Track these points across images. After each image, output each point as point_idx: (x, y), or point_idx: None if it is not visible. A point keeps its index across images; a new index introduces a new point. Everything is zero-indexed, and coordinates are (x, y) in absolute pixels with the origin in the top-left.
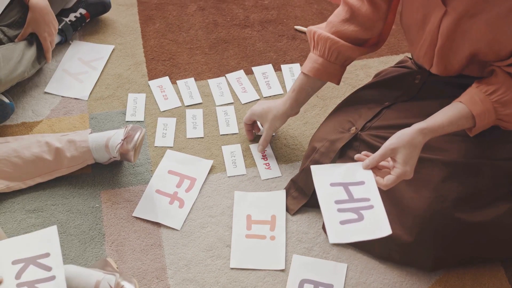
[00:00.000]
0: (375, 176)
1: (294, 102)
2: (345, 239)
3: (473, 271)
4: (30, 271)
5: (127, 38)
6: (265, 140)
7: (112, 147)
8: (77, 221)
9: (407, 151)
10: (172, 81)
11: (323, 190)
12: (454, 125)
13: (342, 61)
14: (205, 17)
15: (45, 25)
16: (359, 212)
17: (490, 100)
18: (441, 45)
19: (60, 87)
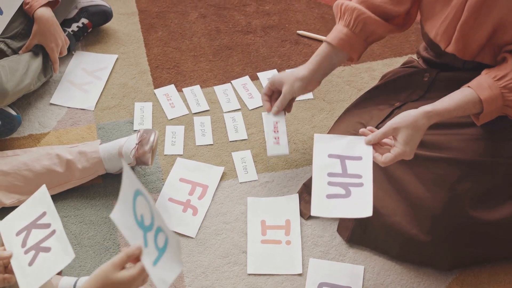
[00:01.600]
0: (375, 152)
1: (316, 67)
2: (326, 214)
3: (489, 269)
4: (33, 235)
5: (130, 47)
6: (282, 102)
7: (126, 154)
8: (91, 232)
9: (409, 132)
10: (178, 89)
11: (320, 160)
12: (461, 110)
13: (366, 34)
14: (207, 24)
15: (51, 36)
16: (348, 188)
17: (498, 85)
18: (465, 19)
19: (66, 98)
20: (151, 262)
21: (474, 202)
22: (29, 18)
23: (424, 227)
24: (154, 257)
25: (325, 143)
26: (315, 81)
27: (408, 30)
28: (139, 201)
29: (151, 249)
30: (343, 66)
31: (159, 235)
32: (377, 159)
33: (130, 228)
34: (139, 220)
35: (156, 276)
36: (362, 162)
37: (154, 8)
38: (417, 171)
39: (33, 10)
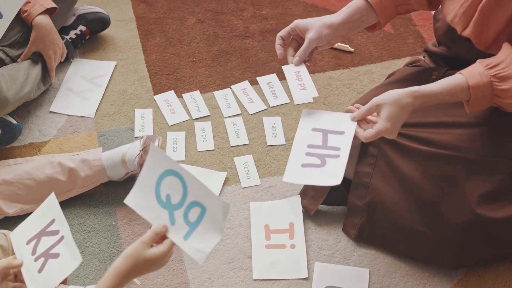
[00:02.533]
0: (358, 128)
1: (348, 17)
2: (297, 180)
3: (493, 270)
4: (43, 242)
5: (128, 53)
6: (305, 50)
7: (130, 161)
8: (95, 240)
9: (392, 109)
10: (177, 94)
11: (302, 132)
12: (448, 94)
13: (399, 2)
14: (205, 30)
15: (50, 43)
16: (324, 159)
17: (489, 74)
18: (487, 1)
19: (65, 105)
20: (181, 237)
21: (481, 200)
22: (27, 26)
23: (431, 224)
24: (184, 232)
25: (311, 117)
26: (340, 34)
27: (406, 33)
28: (166, 181)
29: (180, 225)
30: (342, 69)
31: (192, 210)
32: (359, 134)
33: (151, 210)
34: (163, 201)
35: (190, 248)
36: (343, 136)
37: (151, 14)
38: (425, 168)
39: (31, 18)
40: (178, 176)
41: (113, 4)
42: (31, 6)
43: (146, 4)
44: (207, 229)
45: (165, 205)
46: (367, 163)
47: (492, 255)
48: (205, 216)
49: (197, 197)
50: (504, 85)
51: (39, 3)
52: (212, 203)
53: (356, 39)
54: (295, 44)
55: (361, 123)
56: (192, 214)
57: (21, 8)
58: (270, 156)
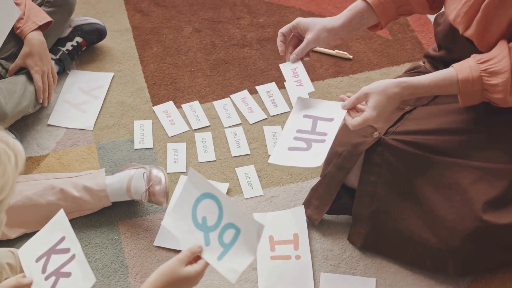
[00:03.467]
0: (347, 116)
1: (348, 21)
2: (281, 162)
3: (500, 276)
4: (53, 260)
5: (126, 64)
6: (302, 49)
7: (136, 194)
8: (98, 254)
9: (379, 98)
10: (176, 105)
11: (294, 119)
12: (436, 87)
13: (400, 3)
14: (202, 39)
15: (38, 60)
16: (310, 143)
17: (479, 68)
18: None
19: (63, 118)
20: (215, 257)
21: (487, 207)
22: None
23: (437, 232)
24: (218, 253)
25: (304, 105)
26: (340, 37)
27: (404, 38)
28: (202, 204)
29: (215, 247)
30: (341, 76)
31: (227, 231)
32: (348, 121)
33: (187, 231)
34: (199, 223)
35: (224, 268)
36: (331, 123)
37: (148, 24)
38: (430, 175)
39: (23, 35)
40: (214, 199)
41: (108, 14)
42: (24, 22)
43: (142, 14)
44: (241, 250)
45: (201, 227)
46: (371, 172)
47: (499, 262)
48: (239, 237)
49: (232, 219)
50: (494, 80)
51: (32, 20)
52: (247, 225)
53: (355, 46)
54: (295, 41)
55: (351, 111)
56: (226, 235)
57: (15, 24)
58: (272, 166)
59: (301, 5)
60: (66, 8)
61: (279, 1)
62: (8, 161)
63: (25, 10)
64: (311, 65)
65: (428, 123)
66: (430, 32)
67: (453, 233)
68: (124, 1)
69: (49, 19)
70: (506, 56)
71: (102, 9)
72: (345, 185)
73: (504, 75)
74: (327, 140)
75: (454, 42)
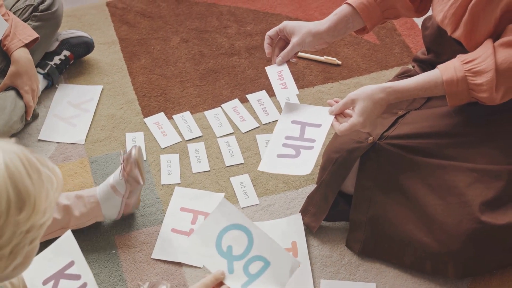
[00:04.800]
0: (335, 121)
1: (333, 26)
2: (271, 169)
3: (499, 277)
4: (62, 285)
5: (114, 76)
6: (288, 53)
7: (116, 181)
8: (95, 269)
9: (365, 104)
10: (168, 116)
11: (282, 125)
12: (422, 89)
13: (386, 7)
14: (190, 49)
15: (28, 80)
16: (299, 150)
17: (464, 68)
18: (477, 0)
19: (54, 133)
20: (239, 285)
21: (485, 208)
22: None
23: (436, 235)
24: (242, 282)
25: (292, 110)
26: (325, 41)
27: (392, 43)
28: (230, 234)
29: (239, 275)
30: (331, 82)
31: (254, 263)
32: (335, 127)
33: (209, 256)
34: (223, 251)
35: None
36: (320, 128)
37: (135, 35)
38: (426, 178)
39: (10, 52)
40: (244, 231)
41: (95, 27)
42: (10, 40)
43: (128, 25)
44: (268, 282)
45: (225, 254)
46: (367, 177)
47: (499, 262)
48: (268, 270)
49: (262, 252)
50: (478, 80)
51: (18, 38)
52: (279, 259)
53: (343, 51)
54: (282, 43)
55: (338, 116)
56: (253, 266)
57: (1, 41)
58: (266, 175)
59: (287, 12)
60: (53, 22)
61: (265, 9)
62: (51, 186)
63: (11, 27)
64: (301, 72)
65: (421, 127)
66: (417, 36)
67: (452, 236)
68: (110, 13)
69: (35, 36)
70: (490, 55)
71: (88, 21)
72: (341, 192)
73: (488, 74)
74: (315, 146)
75: (442, 45)
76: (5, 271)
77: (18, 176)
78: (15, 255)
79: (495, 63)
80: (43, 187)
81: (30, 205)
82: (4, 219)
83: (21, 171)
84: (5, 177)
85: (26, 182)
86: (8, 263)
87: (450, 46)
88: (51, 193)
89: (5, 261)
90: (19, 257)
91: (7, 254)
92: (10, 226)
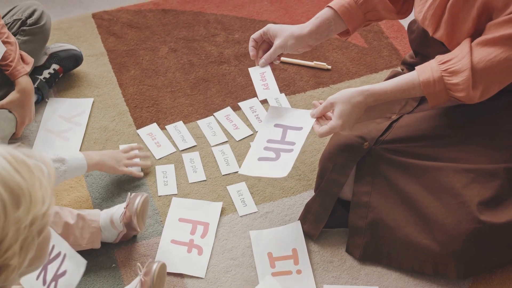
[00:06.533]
0: (316, 124)
1: (315, 29)
2: (251, 173)
3: (499, 275)
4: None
5: (104, 89)
6: (270, 55)
7: (116, 220)
8: (97, 284)
9: (343, 107)
10: (160, 127)
11: (265, 128)
12: (400, 91)
13: (367, 9)
14: (179, 58)
15: (28, 111)
16: (279, 153)
17: (440, 69)
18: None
19: (47, 147)
20: None
21: (483, 207)
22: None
23: (436, 236)
24: None
25: (275, 114)
26: (307, 44)
27: (380, 46)
28: None
29: None
30: (322, 87)
31: None
32: (316, 129)
33: None
34: None
35: None
36: (301, 131)
37: (122, 46)
38: (423, 181)
39: (15, 78)
40: None
41: (82, 39)
42: (14, 65)
43: (116, 37)
44: None
45: None
46: (364, 182)
47: (500, 261)
48: None
49: None
50: (455, 79)
51: (21, 64)
52: None
53: (332, 56)
54: (266, 46)
55: (320, 119)
56: None
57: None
58: (263, 182)
59: (274, 18)
60: (41, 36)
61: (252, 16)
62: (41, 174)
63: (17, 51)
64: (291, 78)
65: (415, 130)
66: (405, 38)
67: (452, 236)
68: (96, 25)
69: (32, 60)
70: (466, 55)
71: (75, 34)
72: (339, 198)
73: (464, 73)
74: (294, 149)
75: (428, 48)
76: (22, 267)
77: (6, 174)
78: (27, 249)
79: (471, 62)
80: (34, 177)
81: (26, 199)
82: (3, 219)
83: (8, 169)
84: None
85: (16, 178)
86: (22, 258)
87: (436, 48)
88: (44, 180)
89: (18, 257)
90: (31, 250)
91: (18, 250)
92: (11, 224)
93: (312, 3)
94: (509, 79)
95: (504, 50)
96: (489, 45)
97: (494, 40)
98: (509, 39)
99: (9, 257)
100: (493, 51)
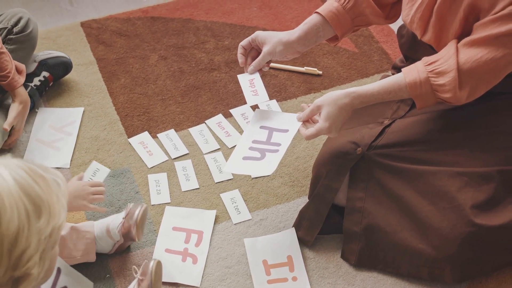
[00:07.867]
0: (302, 127)
1: (303, 35)
2: (235, 170)
3: (495, 278)
4: None
5: (95, 97)
6: (259, 62)
7: (113, 230)
8: None
9: (330, 109)
10: (152, 135)
11: (251, 129)
12: (386, 93)
13: (355, 14)
14: (169, 66)
15: (23, 121)
16: (264, 153)
17: (426, 70)
18: (441, 2)
19: (38, 158)
20: None
21: (478, 210)
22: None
23: (431, 241)
24: None
25: (262, 117)
26: (296, 50)
27: (370, 50)
28: None
29: None
30: (313, 92)
31: None
32: (302, 132)
33: None
34: None
35: None
36: (287, 133)
37: (112, 55)
38: (416, 185)
39: (15, 87)
40: None
41: (71, 48)
42: (12, 76)
43: (105, 45)
44: None
45: None
46: (358, 188)
47: (496, 264)
48: None
49: None
50: (441, 80)
51: (18, 74)
52: None
53: (323, 61)
54: (255, 53)
55: (307, 122)
56: None
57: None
58: (256, 189)
59: (264, 24)
60: (28, 44)
61: (241, 22)
62: (58, 189)
63: (12, 62)
64: (282, 84)
65: (408, 135)
66: (395, 42)
67: (448, 240)
68: (85, 34)
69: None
70: (452, 56)
71: (63, 43)
72: (334, 204)
73: (450, 74)
74: (280, 150)
75: (418, 52)
76: (39, 278)
77: (28, 186)
78: (44, 260)
79: (457, 63)
80: (51, 191)
81: (46, 209)
82: (27, 229)
83: (29, 181)
84: (17, 190)
85: (36, 189)
86: (40, 269)
87: (426, 52)
88: (60, 195)
89: (37, 267)
90: (46, 261)
91: (38, 260)
92: (34, 234)
93: (301, 8)
94: (496, 79)
95: (490, 50)
96: (475, 46)
97: (479, 41)
98: (495, 39)
99: (30, 267)
100: (479, 51)
